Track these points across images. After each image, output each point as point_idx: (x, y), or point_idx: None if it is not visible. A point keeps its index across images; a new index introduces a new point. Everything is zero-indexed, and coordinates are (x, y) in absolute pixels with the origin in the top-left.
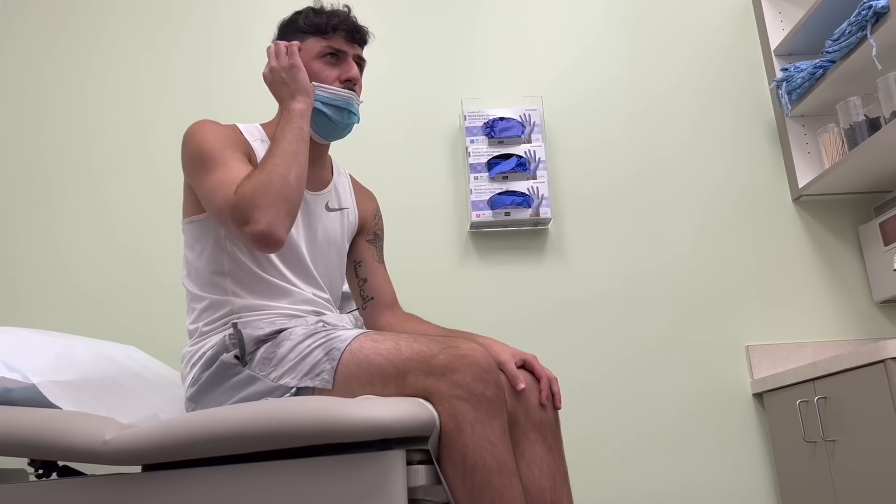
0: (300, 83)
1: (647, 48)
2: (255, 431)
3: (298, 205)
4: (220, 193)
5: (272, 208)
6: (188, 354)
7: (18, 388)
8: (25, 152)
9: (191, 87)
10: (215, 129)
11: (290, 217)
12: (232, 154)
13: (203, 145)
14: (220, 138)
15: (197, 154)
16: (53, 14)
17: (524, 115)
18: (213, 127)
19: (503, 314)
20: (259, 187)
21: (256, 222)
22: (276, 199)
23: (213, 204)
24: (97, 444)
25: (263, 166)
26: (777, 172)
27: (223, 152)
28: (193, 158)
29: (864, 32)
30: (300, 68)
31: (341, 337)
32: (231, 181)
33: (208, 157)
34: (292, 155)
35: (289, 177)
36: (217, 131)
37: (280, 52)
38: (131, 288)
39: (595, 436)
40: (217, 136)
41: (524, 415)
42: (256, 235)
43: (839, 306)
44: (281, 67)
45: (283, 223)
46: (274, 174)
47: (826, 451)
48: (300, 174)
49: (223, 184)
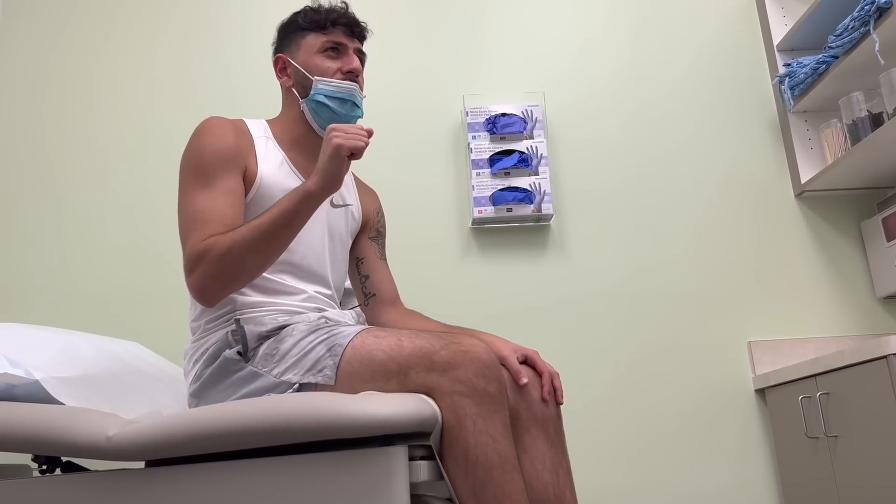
0: (341, 171)
1: (650, 44)
2: (257, 427)
3: (247, 281)
4: (192, 231)
5: (214, 276)
6: (191, 350)
7: (22, 384)
8: (29, 150)
9: (196, 84)
10: (220, 139)
11: (230, 289)
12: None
13: (201, 157)
14: (219, 153)
15: (192, 163)
16: (57, 14)
17: (526, 111)
18: (219, 135)
19: (505, 310)
20: (214, 253)
21: (196, 280)
22: (222, 270)
23: (182, 233)
24: (100, 440)
25: (235, 233)
26: (779, 168)
27: (215, 174)
28: (188, 164)
29: (867, 28)
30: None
31: (343, 333)
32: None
33: (200, 172)
34: (266, 236)
35: (246, 258)
36: (221, 141)
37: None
38: (134, 284)
39: (597, 431)
40: (219, 149)
41: (526, 410)
42: (191, 288)
43: (841, 302)
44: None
45: (215, 291)
46: (236, 248)
47: (828, 446)
48: (263, 258)
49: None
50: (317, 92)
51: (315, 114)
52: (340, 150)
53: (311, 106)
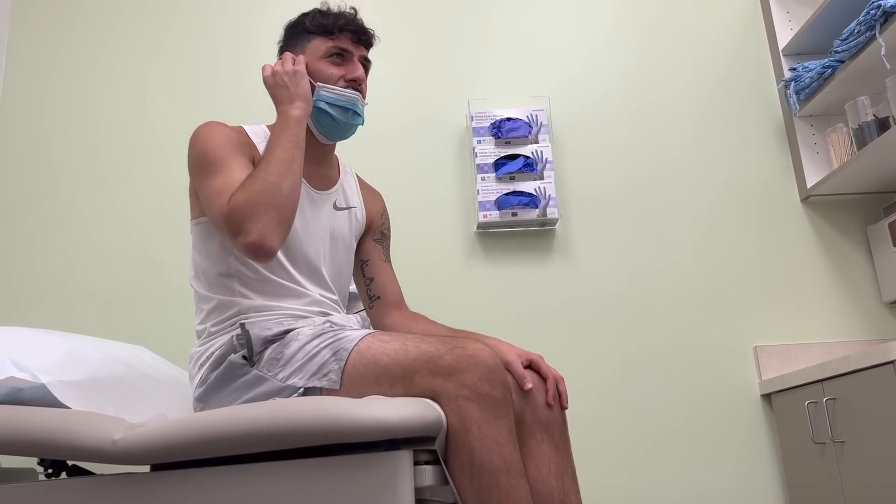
0: (301, 89)
1: (655, 48)
2: (262, 431)
3: (292, 213)
4: (216, 202)
5: (263, 218)
6: (196, 355)
7: (28, 387)
8: (34, 153)
9: (199, 88)
10: (220, 132)
11: (282, 226)
12: (233, 159)
13: (206, 148)
14: (223, 142)
15: (200, 157)
16: (63, 20)
17: (531, 116)
18: (218, 130)
19: (510, 314)
20: (251, 197)
21: (248, 233)
22: (268, 208)
23: (211, 211)
24: (106, 444)
25: (256, 174)
26: (785, 172)
27: (224, 157)
28: (196, 162)
29: (873, 32)
30: (303, 75)
31: (349, 337)
32: (227, 189)
33: (210, 161)
34: (286, 163)
35: (282, 185)
36: (222, 134)
37: (287, 58)
38: (140, 288)
39: (602, 436)
40: (221, 140)
41: (531, 415)
42: (249, 246)
43: (848, 307)
44: (284, 71)
45: (275, 233)
46: (267, 183)
47: (835, 452)
48: (294, 182)
49: (220, 192)
50: (319, 98)
51: (316, 120)
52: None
53: (312, 112)
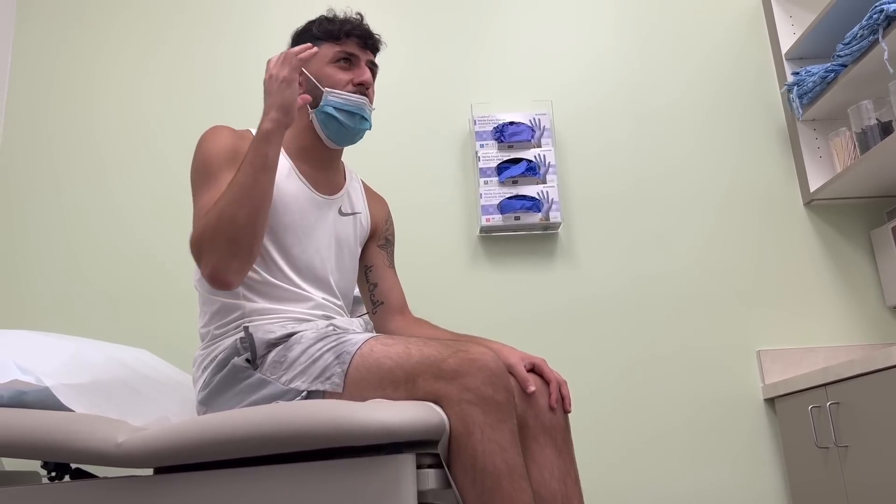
0: (284, 99)
1: (657, 52)
2: (265, 434)
3: (251, 242)
4: (195, 223)
5: (217, 252)
6: (199, 358)
7: (32, 390)
8: (38, 155)
9: (204, 90)
10: (221, 141)
11: (238, 258)
12: (224, 174)
13: (203, 158)
14: (220, 153)
15: (197, 166)
16: (64, 17)
17: (534, 120)
18: (220, 138)
19: (513, 318)
20: (206, 229)
21: (205, 265)
22: (222, 241)
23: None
24: (110, 447)
25: (217, 203)
26: (788, 176)
27: (216, 171)
28: (194, 169)
29: (876, 36)
30: (291, 82)
31: (351, 341)
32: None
33: (204, 172)
34: (245, 189)
35: (238, 215)
36: (222, 143)
37: (287, 59)
38: (143, 291)
39: (605, 440)
40: (218, 150)
41: (534, 419)
42: (207, 278)
43: (851, 310)
44: (277, 77)
45: (229, 266)
46: (223, 213)
47: (838, 457)
48: (253, 209)
49: (198, 215)
50: (326, 104)
51: (323, 125)
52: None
53: (319, 117)
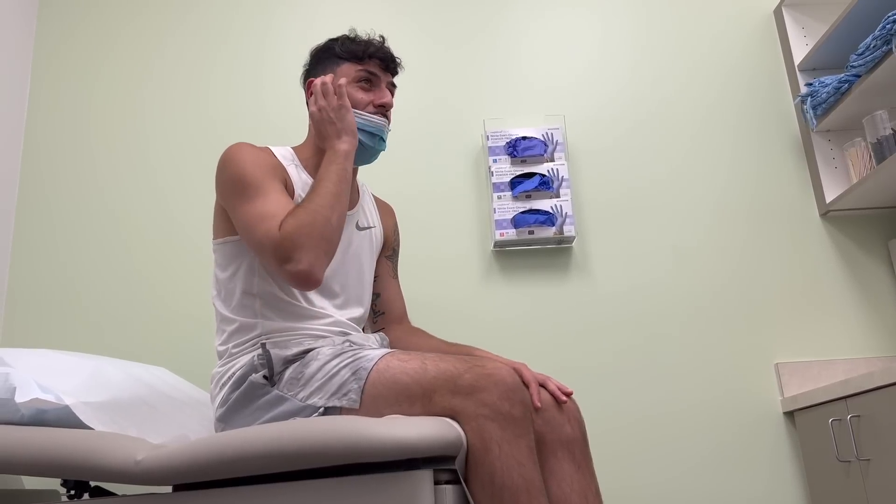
0: (347, 124)
1: (670, 65)
2: (283, 451)
3: (337, 245)
4: (261, 227)
5: (314, 249)
6: (217, 375)
7: (52, 408)
8: (54, 175)
9: (220, 108)
10: (254, 155)
11: (329, 258)
12: (271, 184)
13: (243, 171)
14: (259, 165)
15: (237, 180)
16: (86, 49)
17: (547, 134)
18: (251, 152)
19: (528, 333)
20: (303, 227)
21: (298, 262)
22: (320, 240)
23: (253, 236)
24: (129, 465)
25: (308, 205)
26: (804, 187)
27: (263, 181)
28: (233, 184)
29: (889, 46)
30: (348, 109)
31: (368, 356)
32: (273, 215)
33: (249, 185)
34: (336, 196)
35: (332, 218)
36: (256, 157)
37: (328, 91)
38: (161, 309)
39: (623, 455)
40: (256, 163)
41: (551, 433)
42: (297, 275)
43: (869, 322)
44: (330, 107)
45: (322, 264)
46: (318, 214)
47: (860, 470)
48: (342, 215)
49: (265, 217)
50: None
51: None
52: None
53: None
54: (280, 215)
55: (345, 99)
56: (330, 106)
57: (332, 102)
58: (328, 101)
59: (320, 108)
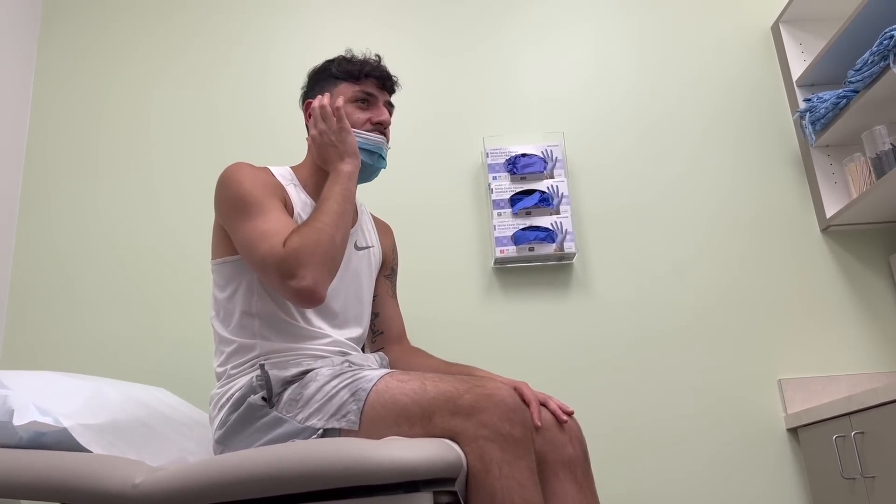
0: (349, 146)
1: (669, 81)
2: (282, 474)
3: (340, 264)
4: (264, 244)
5: (319, 267)
6: (216, 396)
7: (50, 431)
8: (53, 195)
9: (224, 127)
10: (254, 174)
11: (332, 276)
12: (272, 203)
13: (243, 190)
14: (258, 184)
15: (237, 199)
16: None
17: (546, 151)
18: (251, 171)
19: (529, 350)
20: (308, 245)
21: (302, 279)
22: (324, 258)
23: (255, 253)
24: (127, 488)
25: (312, 223)
26: (804, 203)
27: (263, 200)
28: (233, 203)
29: (887, 62)
30: (349, 131)
31: (367, 377)
32: (275, 232)
33: (249, 203)
34: (339, 215)
35: (336, 237)
36: (255, 176)
37: (328, 114)
38: (160, 330)
39: (625, 472)
40: (256, 182)
41: (552, 453)
42: (300, 291)
43: (872, 337)
44: (330, 130)
45: (326, 282)
46: (324, 233)
47: (865, 487)
48: (346, 235)
49: (267, 234)
50: None
51: None
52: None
53: None
54: (283, 233)
55: (344, 121)
56: (330, 129)
57: (333, 125)
58: (328, 124)
59: (321, 131)
